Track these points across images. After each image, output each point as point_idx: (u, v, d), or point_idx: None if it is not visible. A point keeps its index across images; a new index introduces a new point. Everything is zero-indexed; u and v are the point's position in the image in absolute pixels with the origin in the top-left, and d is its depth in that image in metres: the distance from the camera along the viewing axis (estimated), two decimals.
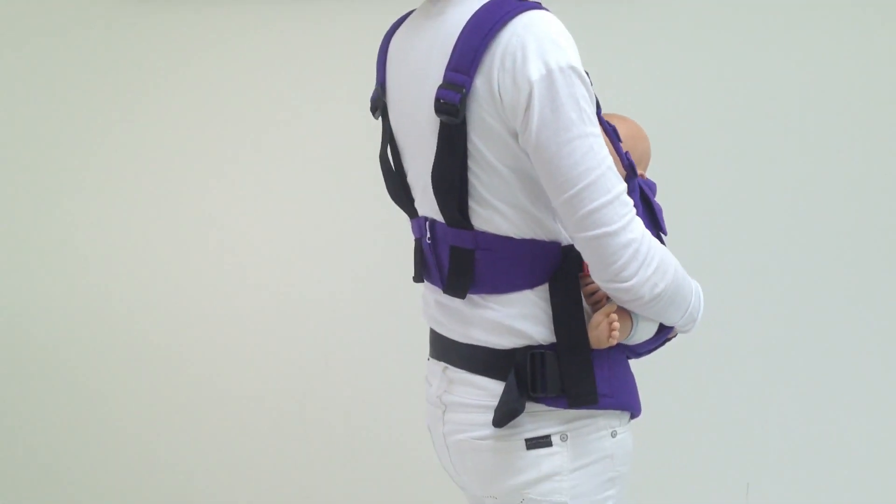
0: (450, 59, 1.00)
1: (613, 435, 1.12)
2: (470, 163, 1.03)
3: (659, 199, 1.25)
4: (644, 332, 1.17)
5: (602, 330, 1.09)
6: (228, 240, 2.31)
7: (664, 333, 1.19)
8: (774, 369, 2.29)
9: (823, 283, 2.25)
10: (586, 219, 1.00)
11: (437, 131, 1.03)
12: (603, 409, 1.10)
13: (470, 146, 1.02)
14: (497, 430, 1.07)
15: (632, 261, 1.02)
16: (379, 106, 1.17)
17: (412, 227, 1.21)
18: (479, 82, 0.99)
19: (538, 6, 1.01)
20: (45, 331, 2.38)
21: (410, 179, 1.16)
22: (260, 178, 2.27)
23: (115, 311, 2.35)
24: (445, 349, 1.16)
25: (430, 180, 1.07)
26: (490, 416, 1.07)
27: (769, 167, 2.21)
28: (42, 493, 2.41)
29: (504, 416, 1.06)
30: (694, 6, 2.16)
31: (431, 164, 1.06)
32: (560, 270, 1.09)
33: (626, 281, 1.03)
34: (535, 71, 0.97)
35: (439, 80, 1.01)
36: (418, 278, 1.20)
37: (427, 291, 1.21)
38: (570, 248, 1.08)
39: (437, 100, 1.00)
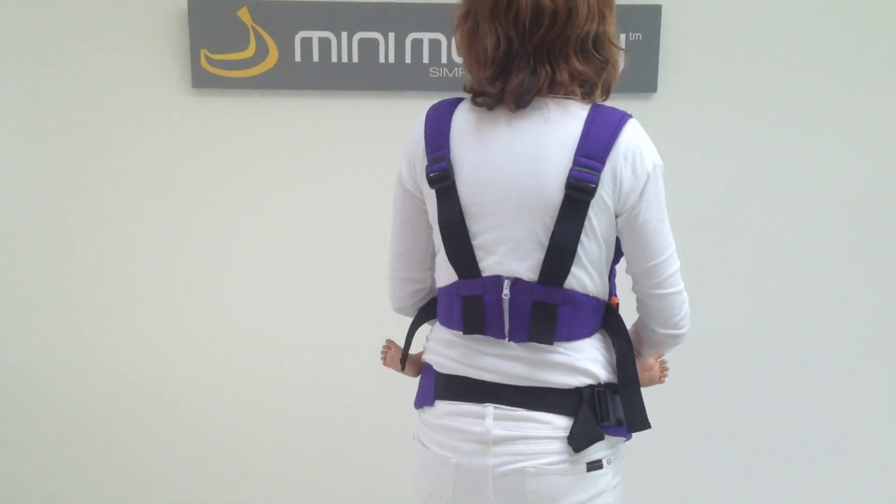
0: (578, 147, 1.20)
1: (624, 457, 1.35)
2: (581, 233, 1.23)
3: None
4: None
5: (655, 371, 1.38)
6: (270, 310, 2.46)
7: None
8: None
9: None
10: (667, 279, 1.28)
11: (557, 204, 1.21)
12: (626, 436, 1.32)
13: (585, 219, 1.22)
14: (569, 455, 1.26)
15: (686, 314, 1.33)
16: (447, 177, 1.25)
17: (466, 287, 1.28)
18: (607, 168, 1.20)
19: (631, 115, 1.26)
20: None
21: (484, 242, 1.26)
22: (307, 248, 2.43)
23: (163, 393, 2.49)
24: (494, 392, 1.29)
25: (525, 242, 1.23)
26: (555, 445, 1.26)
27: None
28: None
29: (587, 442, 1.26)
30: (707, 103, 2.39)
31: (535, 229, 1.23)
32: (610, 322, 1.32)
33: (682, 328, 1.33)
34: (649, 165, 1.23)
35: (565, 163, 1.20)
36: (470, 331, 1.29)
37: (467, 343, 1.31)
38: (610, 305, 1.33)
39: (570, 178, 1.19)
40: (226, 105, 2.34)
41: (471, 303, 1.28)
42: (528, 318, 1.25)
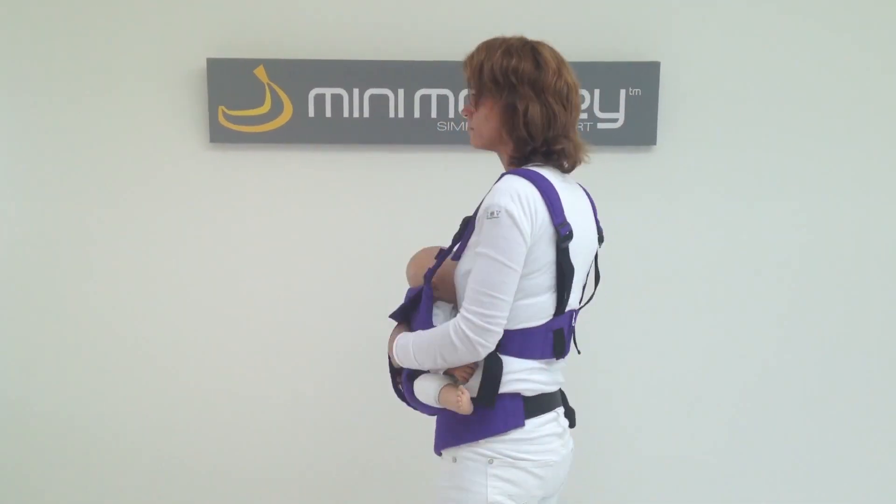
0: (594, 213, 1.64)
1: None
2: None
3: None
4: None
5: None
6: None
7: None
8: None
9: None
10: None
11: (595, 251, 1.65)
12: None
13: None
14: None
15: None
16: (572, 237, 1.52)
17: (557, 322, 1.57)
18: None
19: None
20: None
21: (574, 285, 1.58)
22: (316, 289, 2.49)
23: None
24: (554, 398, 1.62)
25: (583, 281, 1.64)
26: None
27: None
28: None
29: (574, 420, 1.69)
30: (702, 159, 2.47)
31: (587, 271, 1.65)
32: None
33: None
34: None
35: (594, 224, 1.63)
36: (560, 356, 1.60)
37: (546, 367, 1.60)
38: None
39: (600, 233, 1.65)
40: (242, 159, 2.42)
41: (560, 334, 1.60)
42: (571, 337, 1.66)
